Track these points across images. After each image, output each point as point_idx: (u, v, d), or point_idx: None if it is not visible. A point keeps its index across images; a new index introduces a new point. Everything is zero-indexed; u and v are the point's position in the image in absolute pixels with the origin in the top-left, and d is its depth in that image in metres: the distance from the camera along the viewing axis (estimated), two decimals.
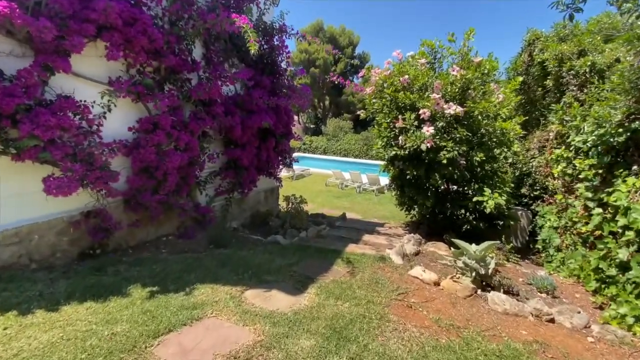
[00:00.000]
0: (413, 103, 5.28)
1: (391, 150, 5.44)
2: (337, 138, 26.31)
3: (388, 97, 5.46)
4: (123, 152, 3.80)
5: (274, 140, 5.77)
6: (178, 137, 4.07)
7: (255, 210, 6.27)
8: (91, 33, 3.25)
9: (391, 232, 6.30)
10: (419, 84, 5.39)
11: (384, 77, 5.44)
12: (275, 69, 5.96)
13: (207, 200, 5.10)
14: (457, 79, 5.15)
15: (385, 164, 6.07)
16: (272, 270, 3.61)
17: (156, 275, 3.30)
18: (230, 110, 5.00)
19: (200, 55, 4.80)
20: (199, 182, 4.89)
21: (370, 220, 8.57)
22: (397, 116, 5.32)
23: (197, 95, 4.16)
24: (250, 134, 5.19)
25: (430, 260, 4.57)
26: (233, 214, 5.70)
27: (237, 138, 5.06)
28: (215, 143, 5.15)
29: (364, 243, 5.16)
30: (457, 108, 4.84)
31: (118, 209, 3.93)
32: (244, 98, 5.14)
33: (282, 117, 5.91)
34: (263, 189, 6.58)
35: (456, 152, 4.93)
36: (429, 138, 4.85)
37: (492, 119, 5.31)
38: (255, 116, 5.08)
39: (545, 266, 5.28)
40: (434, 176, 5.38)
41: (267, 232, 5.49)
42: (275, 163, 6.03)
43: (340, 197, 12.64)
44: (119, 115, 3.88)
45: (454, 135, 5.16)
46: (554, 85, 5.75)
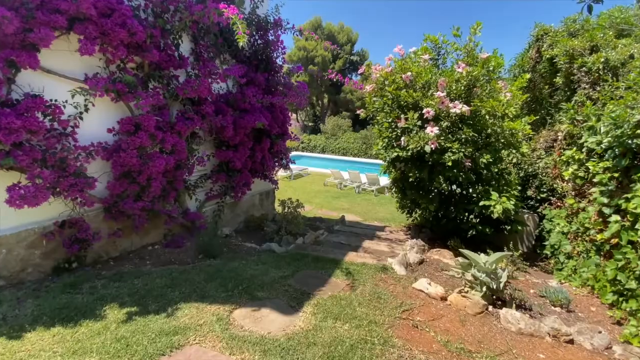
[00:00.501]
0: (416, 102, 4.98)
1: (392, 151, 5.14)
2: (335, 137, 25.99)
3: (389, 96, 5.16)
4: (102, 155, 3.49)
5: (269, 141, 5.46)
6: (163, 138, 3.75)
7: (249, 214, 5.96)
8: (62, 25, 2.93)
9: (392, 237, 6.02)
10: (421, 82, 5.08)
11: (385, 75, 5.13)
12: (270, 66, 5.64)
13: (197, 206, 4.79)
14: (463, 76, 4.85)
15: (386, 166, 5.78)
16: (265, 284, 3.32)
17: (136, 292, 2.99)
18: (221, 109, 4.68)
19: (189, 51, 4.47)
20: (188, 186, 4.58)
21: (370, 223, 8.28)
22: (399, 115, 5.02)
23: (184, 93, 3.84)
24: (244, 134, 4.88)
25: (434, 270, 4.29)
26: (225, 219, 5.39)
27: (228, 139, 4.75)
28: (206, 144, 4.84)
29: (364, 250, 4.87)
30: (463, 107, 4.54)
31: (97, 218, 3.62)
32: (237, 96, 4.82)
33: (277, 116, 5.60)
34: (258, 192, 6.27)
35: (462, 154, 4.64)
36: (433, 139, 4.56)
37: (500, 118, 5.01)
38: (249, 116, 4.77)
39: (555, 274, 5.00)
40: (437, 179, 5.09)
41: (262, 239, 5.19)
42: (271, 165, 5.72)
43: (339, 197, 12.35)
44: (98, 116, 3.57)
45: (459, 136, 4.87)
46: (564, 82, 5.45)
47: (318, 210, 10.04)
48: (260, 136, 5.44)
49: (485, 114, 4.70)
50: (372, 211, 10.27)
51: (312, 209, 10.20)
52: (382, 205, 11.25)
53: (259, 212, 6.25)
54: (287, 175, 15.90)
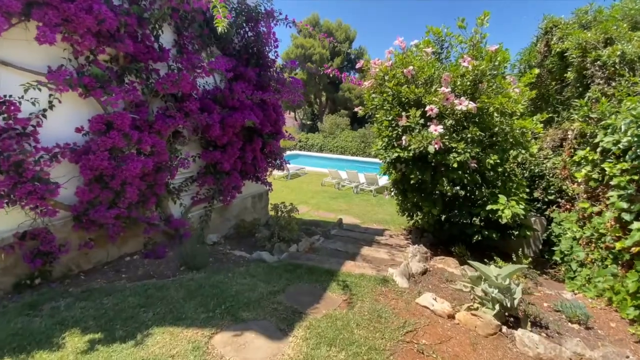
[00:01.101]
0: (418, 98, 4.62)
1: (393, 151, 4.78)
2: (333, 135, 25.62)
3: (389, 92, 4.80)
4: (70, 158, 3.12)
5: (261, 141, 5.10)
6: (140, 138, 3.38)
7: (240, 219, 5.60)
8: (16, 10, 2.55)
9: (392, 242, 5.67)
10: (424, 77, 4.72)
11: (384, 69, 4.77)
12: (262, 60, 5.27)
13: (182, 211, 4.43)
14: (469, 71, 4.50)
15: (386, 167, 5.42)
16: (251, 302, 2.96)
17: (104, 314, 2.64)
18: (207, 106, 4.31)
19: (171, 43, 4.10)
20: (171, 190, 4.21)
21: (368, 225, 7.94)
22: (400, 113, 4.66)
23: (163, 88, 3.47)
24: (232, 133, 4.51)
25: (439, 281, 3.94)
26: (214, 224, 5.03)
27: (216, 139, 4.38)
28: (191, 145, 4.47)
29: (362, 259, 4.52)
30: (470, 104, 4.19)
31: (65, 228, 3.25)
32: (225, 93, 4.45)
33: (270, 114, 5.23)
34: (250, 195, 5.91)
35: (468, 155, 4.29)
36: (437, 138, 4.20)
37: (508, 116, 4.66)
38: (237, 113, 4.40)
39: (567, 283, 4.67)
40: (441, 181, 4.74)
41: (253, 246, 4.84)
42: (263, 166, 5.35)
43: (337, 198, 12.00)
44: (67, 114, 3.20)
45: (465, 135, 4.52)
46: (576, 78, 5.11)
47: (315, 212, 9.69)
48: (251, 136, 5.07)
49: (493, 111, 4.35)
50: (371, 212, 9.93)
51: (308, 211, 9.86)
52: (381, 206, 10.91)
53: (252, 216, 5.89)
54: (284, 175, 15.53)
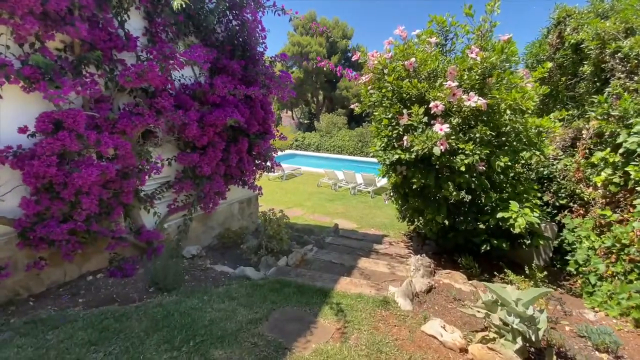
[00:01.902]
0: (421, 94, 4.16)
1: (393, 153, 4.32)
2: (330, 134, 25.14)
3: (389, 87, 4.33)
4: (12, 163, 2.62)
5: (247, 141, 4.61)
6: (99, 140, 2.89)
7: (226, 227, 5.12)
8: None
9: (392, 251, 5.21)
10: (427, 70, 4.25)
11: (383, 61, 4.29)
12: (248, 53, 4.78)
13: (156, 222, 3.94)
14: (477, 64, 4.04)
15: (385, 169, 4.96)
16: (227, 334, 2.49)
17: (43, 355, 2.15)
18: (184, 103, 3.83)
19: (141, 30, 3.60)
20: (143, 198, 3.72)
21: (366, 231, 7.48)
22: (400, 111, 4.20)
23: (126, 81, 2.97)
24: (213, 133, 4.02)
25: (446, 300, 3.49)
26: (195, 234, 4.55)
27: (194, 139, 3.90)
28: (166, 146, 3.98)
29: (359, 273, 4.05)
30: (479, 100, 3.73)
31: (8, 246, 2.75)
32: (204, 88, 3.96)
33: (257, 111, 4.74)
34: (237, 200, 5.42)
35: (477, 157, 3.83)
36: (442, 139, 3.74)
37: (519, 113, 4.20)
38: (218, 111, 3.91)
39: (585, 299, 4.23)
40: (446, 185, 4.28)
41: (238, 258, 4.36)
42: (250, 169, 4.87)
43: (334, 199, 11.53)
44: (11, 111, 2.70)
45: (473, 135, 4.06)
46: (592, 72, 4.67)
47: (310, 215, 9.22)
48: (236, 136, 4.59)
49: (505, 108, 3.88)
50: (369, 215, 9.48)
51: (303, 214, 9.39)
52: (379, 209, 10.46)
53: (239, 224, 5.40)
54: (279, 176, 15.05)
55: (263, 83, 4.85)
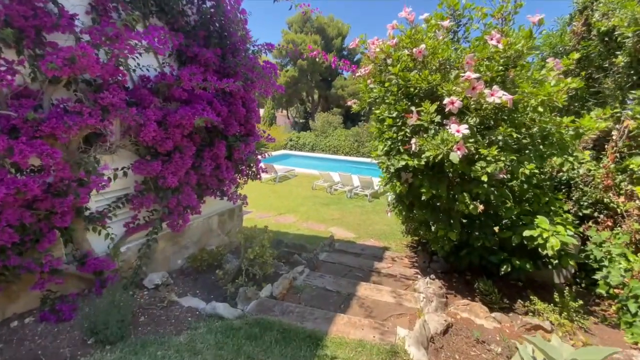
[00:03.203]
0: (432, 88, 3.47)
1: (399, 158, 3.62)
2: (326, 134, 24.44)
3: (393, 80, 3.62)
4: None
5: (225, 144, 3.89)
6: (10, 148, 2.15)
7: (203, 244, 4.39)
8: None
9: (396, 270, 4.52)
10: (437, 60, 3.57)
11: (387, 49, 3.59)
12: (227, 41, 4.06)
13: (109, 245, 3.19)
14: (499, 51, 3.36)
15: (388, 177, 4.26)
16: None
17: None
18: (142, 98, 3.09)
19: (84, 7, 2.86)
20: (90, 217, 2.98)
21: (365, 241, 6.78)
22: (408, 108, 3.50)
23: (48, 69, 2.23)
24: (181, 136, 3.29)
25: (467, 343, 2.80)
26: (163, 257, 3.81)
27: (154, 143, 3.16)
28: (121, 153, 3.24)
29: (359, 305, 3.35)
30: (504, 95, 3.04)
31: None
32: (169, 80, 3.22)
33: (237, 110, 4.02)
34: (217, 212, 4.69)
35: (502, 164, 3.15)
36: (460, 142, 3.05)
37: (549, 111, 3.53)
38: (184, 109, 3.18)
39: (626, 332, 3.57)
40: (461, 197, 3.60)
41: (214, 286, 3.63)
42: (230, 177, 4.14)
43: (329, 204, 10.83)
44: None
45: (495, 138, 3.38)
46: (628, 63, 4.01)
47: (303, 223, 8.51)
48: (212, 139, 3.86)
49: (536, 105, 3.20)
50: (367, 222, 8.79)
51: (296, 221, 8.67)
52: (377, 214, 9.79)
53: (219, 240, 4.67)
54: (272, 178, 14.33)
55: (246, 76, 4.13)
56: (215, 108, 3.66)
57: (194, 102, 3.47)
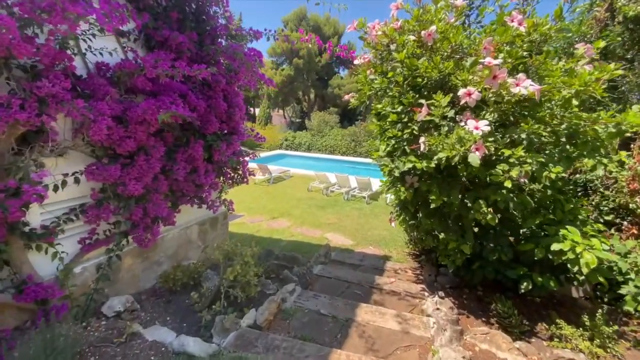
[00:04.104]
0: (443, 78, 2.97)
1: (405, 160, 3.11)
2: (322, 133, 23.91)
3: (398, 69, 3.11)
4: None
5: (202, 144, 3.35)
6: None
7: (180, 258, 3.85)
8: None
9: (400, 287, 4.01)
10: (449, 46, 3.06)
11: (391, 32, 3.07)
12: (206, 27, 3.54)
13: (58, 266, 2.65)
14: (521, 35, 2.86)
15: (391, 181, 3.76)
16: None
17: None
18: (96, 89, 2.55)
19: None
20: (31, 235, 2.43)
21: (363, 249, 6.28)
22: (416, 101, 2.99)
23: None
24: (144, 134, 2.76)
25: None
26: (131, 275, 3.27)
27: (111, 143, 2.62)
28: (73, 156, 2.69)
29: (359, 334, 2.83)
30: (532, 86, 2.54)
31: None
32: (130, 67, 2.68)
33: (218, 104, 3.48)
34: (197, 222, 4.15)
35: (529, 167, 2.65)
36: (479, 141, 2.54)
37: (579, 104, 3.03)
38: (149, 101, 2.64)
39: None
40: (476, 205, 3.10)
41: (188, 311, 3.09)
42: (209, 181, 3.60)
43: (325, 207, 10.31)
44: None
45: (518, 136, 2.89)
46: None
47: (297, 228, 7.98)
48: (188, 138, 3.33)
49: (570, 97, 2.70)
50: (365, 226, 8.29)
51: (289, 226, 8.14)
52: (376, 217, 9.29)
53: (199, 252, 4.13)
54: (266, 179, 13.78)
55: (228, 67, 3.61)
56: (190, 102, 3.13)
57: (163, 94, 2.93)
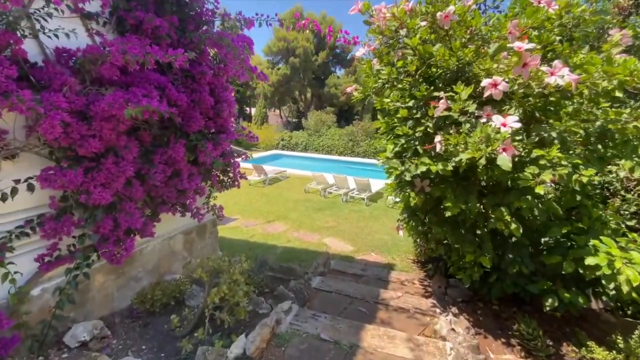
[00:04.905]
0: (462, 67, 2.58)
1: (417, 162, 2.71)
2: (319, 133, 23.51)
3: (409, 57, 2.71)
4: None
5: (184, 144, 2.93)
6: None
7: (162, 272, 3.42)
8: None
9: (409, 302, 3.61)
10: (467, 29, 2.67)
11: (401, 14, 2.67)
12: (189, 11, 3.12)
13: (10, 290, 2.22)
14: (552, 18, 2.48)
15: (398, 185, 3.36)
16: None
17: None
18: (52, 78, 2.13)
19: None
20: None
21: (365, 257, 5.89)
22: (430, 94, 2.60)
23: None
24: (112, 132, 2.33)
25: None
26: (103, 295, 2.84)
27: (70, 142, 2.20)
28: (28, 158, 2.27)
29: None
30: (568, 75, 2.16)
31: None
32: (95, 53, 2.26)
33: (203, 99, 3.07)
34: (181, 230, 3.72)
35: (566, 170, 2.27)
36: (507, 140, 2.15)
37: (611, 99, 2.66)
38: (116, 94, 2.22)
39: None
40: (498, 212, 2.72)
41: (168, 337, 2.67)
42: (193, 186, 3.17)
43: (323, 209, 9.92)
44: None
45: (549, 135, 2.51)
46: None
47: (294, 232, 7.57)
48: (168, 137, 2.91)
49: (612, 88, 2.32)
50: (365, 230, 7.90)
51: (286, 230, 7.73)
52: (376, 220, 8.91)
53: (180, 268, 3.70)
54: (262, 180, 13.36)
55: (216, 57, 3.20)
56: (169, 95, 2.71)
57: (138, 86, 2.51)
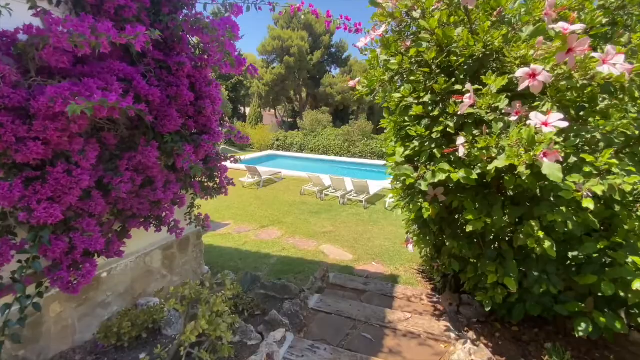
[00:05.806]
0: (489, 54, 2.16)
1: (435, 169, 2.29)
2: (314, 133, 23.07)
3: (426, 42, 2.29)
4: None
5: (157, 147, 2.47)
6: None
7: (136, 294, 2.96)
8: None
9: (419, 326, 3.19)
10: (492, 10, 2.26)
11: None
12: None
13: None
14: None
15: (408, 195, 2.94)
16: None
17: None
18: None
19: None
20: None
21: (366, 267, 5.46)
22: (450, 87, 2.17)
23: None
24: (59, 134, 1.87)
25: None
26: (61, 327, 2.38)
27: (4, 147, 1.74)
28: None
29: None
30: (622, 65, 1.75)
31: None
32: (37, 34, 1.80)
33: (181, 93, 2.61)
34: (160, 245, 3.25)
35: (619, 180, 1.87)
36: (550, 143, 1.73)
37: None
38: (62, 85, 1.76)
39: None
40: (527, 227, 2.31)
41: None
42: (171, 195, 2.71)
43: (319, 212, 9.48)
44: None
45: (587, 135, 2.11)
46: None
47: (289, 239, 7.12)
48: (135, 138, 2.45)
49: None
50: (365, 235, 7.48)
51: (281, 237, 7.28)
52: (375, 223, 8.51)
53: (164, 283, 3.24)
54: (256, 182, 12.87)
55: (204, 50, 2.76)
56: (138, 89, 2.25)
57: (98, 77, 2.05)
